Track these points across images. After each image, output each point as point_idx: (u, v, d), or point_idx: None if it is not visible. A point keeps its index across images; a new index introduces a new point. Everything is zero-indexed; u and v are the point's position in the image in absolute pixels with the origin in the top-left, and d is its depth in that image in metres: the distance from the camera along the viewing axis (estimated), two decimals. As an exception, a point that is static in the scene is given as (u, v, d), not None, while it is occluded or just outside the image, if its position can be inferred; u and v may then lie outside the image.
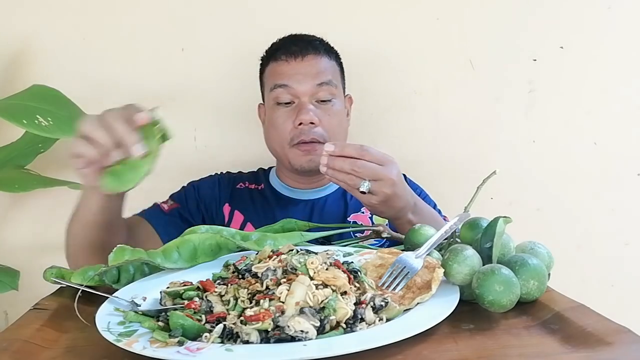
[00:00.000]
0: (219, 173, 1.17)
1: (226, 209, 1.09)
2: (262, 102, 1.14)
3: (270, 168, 1.19)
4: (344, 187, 0.80)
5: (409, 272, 0.60)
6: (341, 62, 1.11)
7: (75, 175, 0.73)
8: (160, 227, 1.02)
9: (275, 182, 1.14)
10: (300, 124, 1.01)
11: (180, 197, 1.10)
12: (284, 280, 0.55)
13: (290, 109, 1.03)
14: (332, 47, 1.10)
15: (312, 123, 1.01)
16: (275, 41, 1.10)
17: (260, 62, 1.11)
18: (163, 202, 1.08)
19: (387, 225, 0.86)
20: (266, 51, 1.10)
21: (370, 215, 1.04)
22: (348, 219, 1.05)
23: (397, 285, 0.59)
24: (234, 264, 0.63)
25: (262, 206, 1.09)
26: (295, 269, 0.56)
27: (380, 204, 0.80)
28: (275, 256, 0.60)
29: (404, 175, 1.13)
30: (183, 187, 1.13)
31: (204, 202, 1.10)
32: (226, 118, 1.31)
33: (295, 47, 1.04)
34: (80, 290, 0.65)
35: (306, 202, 1.09)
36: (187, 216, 1.07)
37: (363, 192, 0.78)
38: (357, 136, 1.10)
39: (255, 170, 1.20)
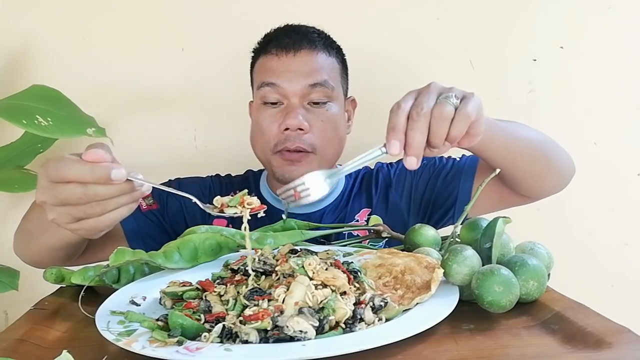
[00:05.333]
0: (209, 177, 1.08)
1: (221, 223, 0.98)
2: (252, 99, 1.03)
3: (260, 172, 1.10)
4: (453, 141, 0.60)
5: (310, 195, 0.60)
6: (344, 59, 1.01)
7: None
8: (130, 227, 0.92)
9: (265, 191, 1.04)
10: (287, 129, 0.90)
11: (161, 195, 0.99)
12: (284, 282, 0.55)
13: (278, 111, 0.92)
14: (334, 42, 0.99)
15: (300, 129, 0.90)
16: (268, 31, 0.99)
17: (252, 54, 1.01)
18: None
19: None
20: (258, 42, 1.00)
21: (367, 219, 1.00)
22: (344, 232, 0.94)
23: (293, 201, 0.59)
24: (230, 266, 0.63)
25: (254, 221, 0.99)
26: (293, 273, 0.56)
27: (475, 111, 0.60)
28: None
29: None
30: (168, 182, 1.04)
31: (188, 212, 1.00)
32: (226, 118, 1.31)
33: (288, 39, 0.93)
34: (84, 288, 0.65)
35: (300, 216, 0.96)
36: (165, 224, 0.98)
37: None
38: (357, 136, 1.09)
39: (244, 174, 1.11)
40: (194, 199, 0.62)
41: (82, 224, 0.58)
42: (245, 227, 0.61)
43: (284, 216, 0.72)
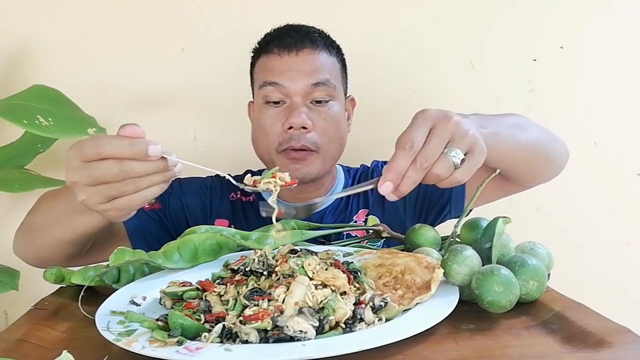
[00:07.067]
0: (209, 178, 1.07)
1: (223, 222, 1.00)
2: (252, 99, 1.03)
3: (259, 172, 1.08)
4: (445, 185, 0.61)
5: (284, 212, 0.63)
6: (344, 59, 1.01)
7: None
8: (132, 225, 0.90)
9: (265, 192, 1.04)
10: (291, 127, 0.91)
11: (162, 194, 1.01)
12: (284, 282, 0.55)
13: (281, 110, 0.93)
14: (334, 41, 1.00)
15: (304, 128, 0.90)
16: (268, 31, 0.99)
17: (252, 54, 1.01)
18: None
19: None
20: (258, 42, 0.99)
21: (364, 220, 1.00)
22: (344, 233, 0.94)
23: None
24: (230, 266, 0.63)
25: (254, 222, 0.92)
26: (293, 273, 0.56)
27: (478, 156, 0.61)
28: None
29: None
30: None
31: (189, 211, 1.00)
32: (226, 118, 1.31)
33: (289, 39, 0.94)
34: (84, 288, 0.65)
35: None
36: (167, 223, 0.98)
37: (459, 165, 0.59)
38: (357, 136, 1.09)
39: (243, 174, 1.08)
40: (227, 175, 0.64)
41: (114, 203, 0.58)
42: (274, 200, 0.63)
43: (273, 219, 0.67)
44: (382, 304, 0.53)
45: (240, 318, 0.51)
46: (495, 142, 0.75)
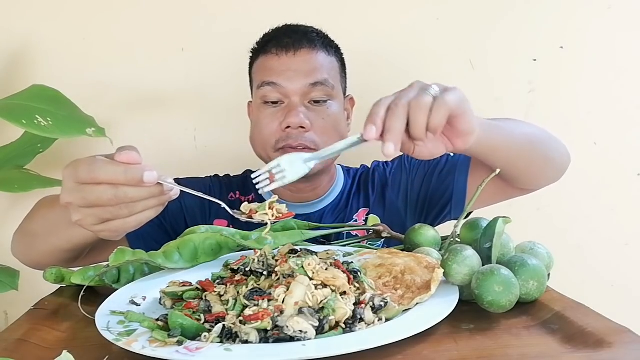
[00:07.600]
0: (208, 178, 1.08)
1: (222, 223, 0.98)
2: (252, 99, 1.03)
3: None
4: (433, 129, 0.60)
5: (285, 177, 0.61)
6: (342, 58, 1.02)
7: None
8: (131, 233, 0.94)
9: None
10: (288, 127, 0.91)
11: None
12: (284, 282, 0.55)
13: (279, 110, 0.93)
14: (332, 41, 1.00)
15: (302, 127, 0.91)
16: (267, 32, 1.00)
17: (250, 54, 1.01)
18: None
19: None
20: (257, 43, 1.00)
21: (365, 219, 0.99)
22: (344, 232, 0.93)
23: (269, 184, 0.61)
24: (230, 267, 0.63)
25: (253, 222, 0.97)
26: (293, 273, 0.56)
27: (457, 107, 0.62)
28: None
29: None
30: None
31: (188, 211, 1.00)
32: (226, 118, 1.31)
33: (288, 39, 0.94)
34: (84, 288, 0.65)
35: (299, 217, 0.93)
36: (165, 224, 0.98)
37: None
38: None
39: (243, 174, 1.10)
40: (223, 205, 0.62)
41: (108, 225, 0.58)
42: (267, 233, 0.64)
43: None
44: (382, 304, 0.53)
45: (240, 318, 0.51)
46: (494, 138, 0.75)
